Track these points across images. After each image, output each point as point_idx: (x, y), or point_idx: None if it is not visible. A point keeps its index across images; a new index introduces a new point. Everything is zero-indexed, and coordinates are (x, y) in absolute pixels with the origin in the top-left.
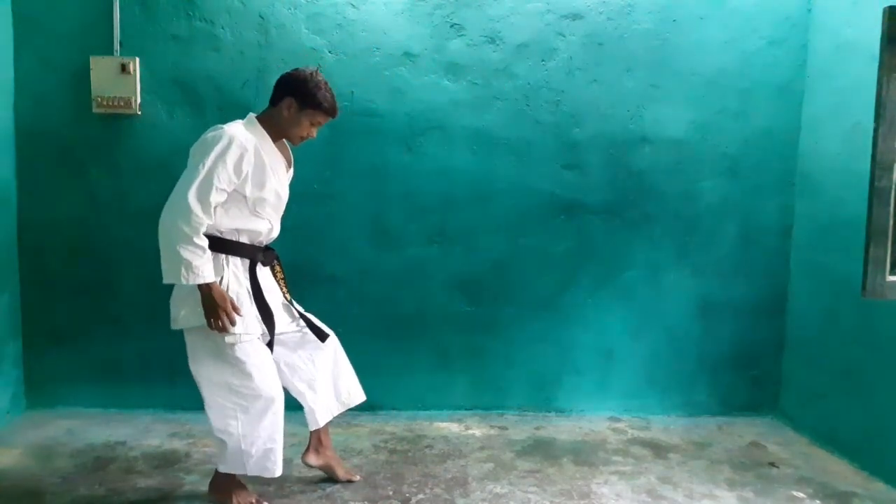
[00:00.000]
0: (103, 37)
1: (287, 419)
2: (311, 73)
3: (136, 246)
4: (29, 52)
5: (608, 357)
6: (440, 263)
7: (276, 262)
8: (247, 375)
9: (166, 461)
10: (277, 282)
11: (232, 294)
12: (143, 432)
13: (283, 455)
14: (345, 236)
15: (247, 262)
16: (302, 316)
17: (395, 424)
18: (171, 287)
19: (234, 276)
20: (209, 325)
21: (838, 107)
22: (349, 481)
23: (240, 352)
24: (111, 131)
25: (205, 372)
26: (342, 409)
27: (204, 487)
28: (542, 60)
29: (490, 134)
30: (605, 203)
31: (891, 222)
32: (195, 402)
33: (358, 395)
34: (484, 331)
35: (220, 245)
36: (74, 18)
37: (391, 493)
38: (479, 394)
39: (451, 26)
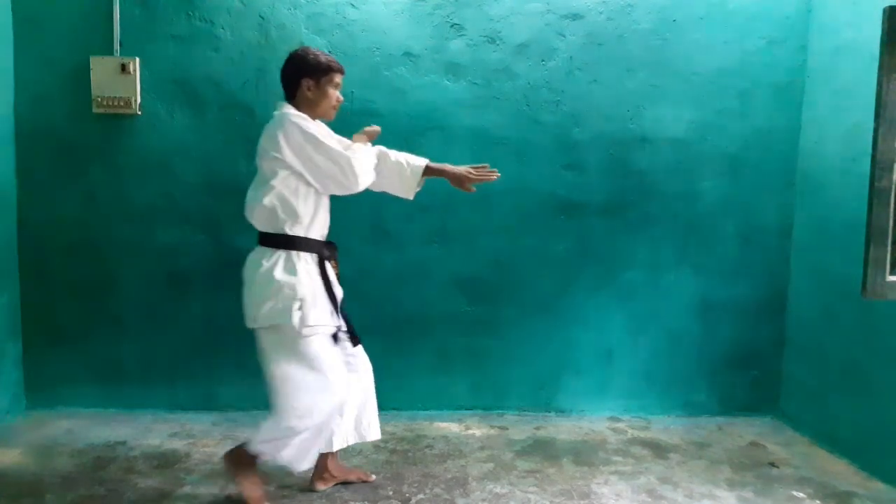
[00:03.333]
0: (103, 37)
1: None
2: (302, 51)
3: (136, 246)
4: (29, 51)
5: (608, 357)
6: (440, 263)
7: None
8: (321, 372)
9: (166, 461)
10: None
11: (308, 290)
12: (143, 432)
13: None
14: (345, 236)
15: (316, 257)
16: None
17: (395, 424)
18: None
19: (306, 272)
20: (466, 182)
21: (838, 107)
22: (364, 481)
23: (314, 348)
24: (111, 131)
25: (281, 368)
26: (356, 441)
27: (204, 487)
28: (542, 60)
29: (490, 134)
30: (605, 203)
31: (891, 222)
32: (195, 402)
33: (375, 432)
34: (484, 331)
35: (290, 242)
36: (74, 18)
37: (391, 493)
38: (479, 394)
39: (451, 26)
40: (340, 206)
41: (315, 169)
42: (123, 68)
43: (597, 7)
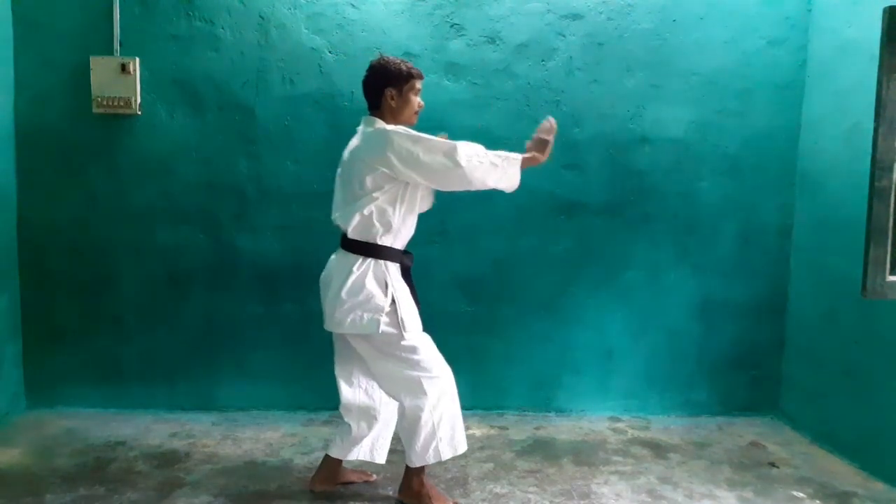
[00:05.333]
0: (103, 37)
1: (287, 419)
2: (383, 60)
3: (136, 246)
4: (29, 51)
5: (608, 357)
6: (440, 263)
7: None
8: (419, 353)
9: (166, 461)
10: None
11: (399, 295)
12: (143, 432)
13: (283, 455)
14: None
15: (398, 266)
16: None
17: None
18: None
19: (395, 280)
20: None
21: (838, 107)
22: (366, 481)
23: (412, 340)
24: (111, 131)
25: (389, 368)
26: (360, 459)
27: (204, 487)
28: (542, 60)
29: (490, 134)
30: (605, 203)
31: (891, 222)
32: (195, 402)
33: (381, 457)
34: (484, 331)
35: (376, 251)
36: (74, 18)
37: (391, 493)
38: (479, 394)
39: (451, 26)
40: None
41: (428, 170)
42: (123, 68)
43: (597, 7)
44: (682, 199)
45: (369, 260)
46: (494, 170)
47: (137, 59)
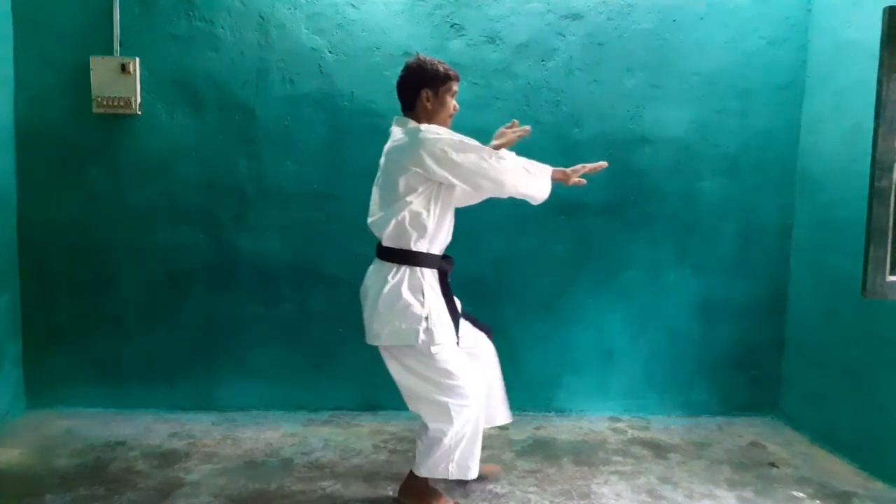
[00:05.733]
0: (103, 37)
1: (287, 419)
2: (419, 61)
3: (136, 246)
4: (29, 51)
5: (608, 357)
6: None
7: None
8: (453, 377)
9: (166, 461)
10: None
11: (432, 306)
12: (143, 432)
13: (283, 455)
14: (345, 236)
15: (437, 272)
16: (464, 314)
17: (395, 424)
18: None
19: (431, 288)
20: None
21: (838, 107)
22: (494, 475)
23: (443, 357)
24: (111, 131)
25: (415, 382)
26: (488, 426)
27: (204, 487)
28: (542, 60)
29: (490, 134)
30: (605, 203)
31: (891, 222)
32: (195, 402)
33: (504, 416)
34: None
35: (413, 258)
36: (74, 18)
37: (391, 493)
38: None
39: (451, 26)
40: (340, 206)
41: (462, 170)
42: (123, 68)
43: (597, 7)
44: (682, 199)
45: (404, 268)
46: (526, 176)
47: (137, 59)
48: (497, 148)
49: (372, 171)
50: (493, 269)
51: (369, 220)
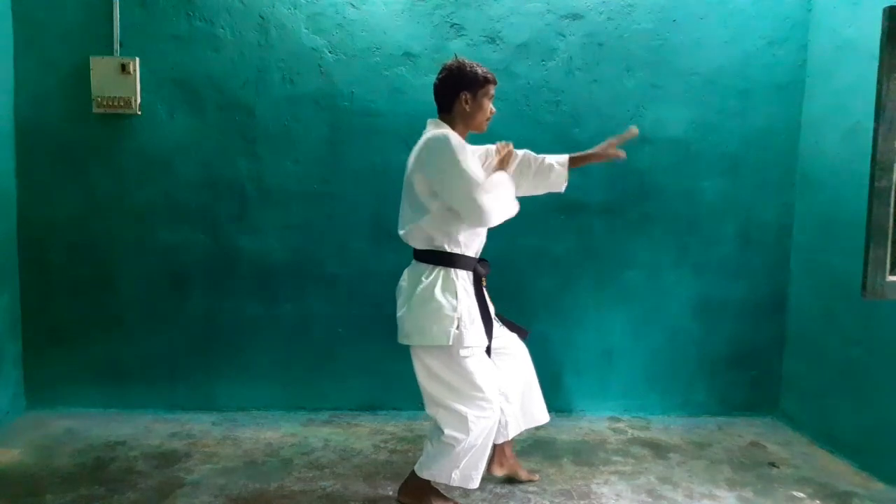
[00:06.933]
0: (103, 37)
1: (287, 419)
2: (458, 63)
3: (136, 246)
4: (29, 52)
5: (608, 357)
6: None
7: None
8: (477, 388)
9: (166, 461)
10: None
11: (465, 308)
12: (143, 432)
13: (283, 455)
14: (345, 236)
15: (471, 274)
16: (499, 317)
17: (395, 424)
18: None
19: (464, 290)
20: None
21: (838, 107)
22: (530, 481)
23: (470, 364)
24: (111, 131)
25: (438, 386)
26: (527, 427)
27: (204, 487)
28: (542, 60)
29: (490, 134)
30: (605, 203)
31: (891, 222)
32: (195, 402)
33: (542, 416)
34: None
35: (448, 259)
36: (74, 18)
37: (391, 493)
38: None
39: (451, 26)
40: (340, 206)
41: (452, 197)
42: (123, 68)
43: (597, 7)
44: (682, 199)
45: (439, 269)
46: (511, 207)
47: (137, 59)
48: (496, 168)
49: (372, 171)
50: (492, 269)
51: (399, 224)
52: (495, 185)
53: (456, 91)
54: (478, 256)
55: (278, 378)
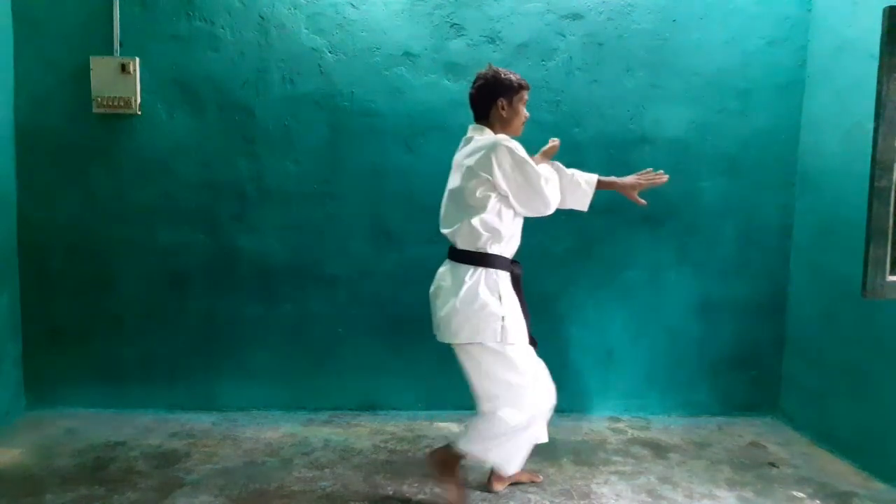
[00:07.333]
0: (103, 37)
1: (287, 419)
2: (493, 71)
3: (136, 246)
4: (29, 52)
5: (608, 357)
6: (440, 263)
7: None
8: (528, 376)
9: (166, 461)
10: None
11: (509, 305)
12: (143, 432)
13: (283, 455)
14: (345, 236)
15: (508, 274)
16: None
17: (395, 424)
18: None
19: (506, 289)
20: (635, 191)
21: (838, 107)
22: (532, 482)
23: (519, 356)
24: (111, 131)
25: (489, 379)
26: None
27: (204, 487)
28: (542, 60)
29: None
30: (606, 203)
31: (891, 222)
32: (195, 402)
33: (543, 435)
34: None
35: (488, 260)
36: (74, 18)
37: (391, 493)
38: None
39: (451, 26)
40: (340, 206)
41: (521, 194)
42: (123, 68)
43: (597, 7)
44: (682, 198)
45: (480, 269)
46: (574, 193)
47: (137, 59)
48: (613, 183)
49: (372, 170)
50: None
51: (442, 224)
52: (550, 176)
53: (493, 98)
54: (512, 258)
55: (278, 378)
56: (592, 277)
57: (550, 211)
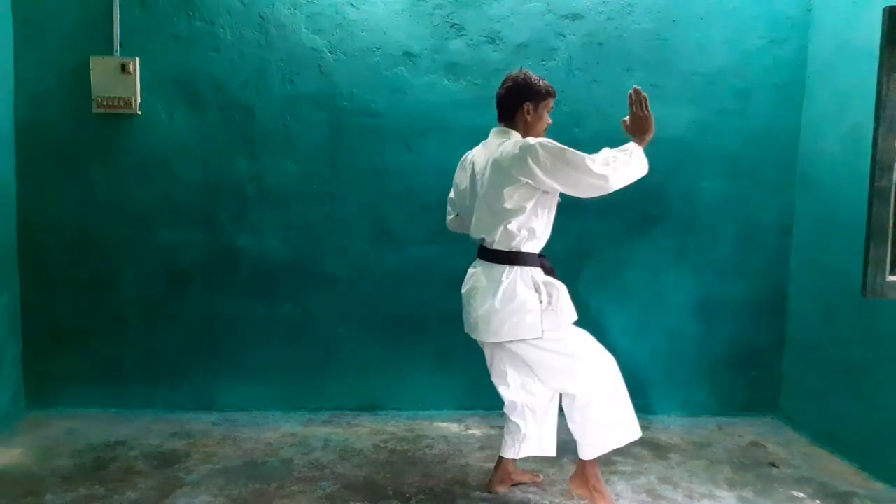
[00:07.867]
0: (103, 37)
1: (287, 419)
2: (524, 75)
3: (136, 245)
4: (29, 51)
5: None
6: (440, 263)
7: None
8: (574, 348)
9: (166, 461)
10: None
11: (550, 292)
12: (143, 432)
13: (283, 455)
14: (345, 236)
15: (539, 269)
16: None
17: (395, 424)
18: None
19: (543, 279)
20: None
21: (838, 107)
22: (533, 483)
23: (563, 340)
24: (111, 131)
25: (552, 364)
26: (537, 454)
27: (204, 487)
28: (542, 60)
29: (487, 133)
30: (605, 203)
31: (891, 222)
32: (195, 402)
33: (551, 449)
34: None
35: (521, 258)
36: (74, 18)
37: (391, 493)
38: (479, 394)
39: (451, 26)
40: (340, 206)
41: (571, 182)
42: (123, 68)
43: (597, 7)
44: (682, 198)
45: (515, 267)
46: (627, 167)
47: (137, 59)
48: (642, 140)
49: (372, 170)
50: None
51: (472, 229)
52: (597, 155)
53: (520, 101)
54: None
55: (278, 378)
56: (592, 277)
57: (612, 186)
